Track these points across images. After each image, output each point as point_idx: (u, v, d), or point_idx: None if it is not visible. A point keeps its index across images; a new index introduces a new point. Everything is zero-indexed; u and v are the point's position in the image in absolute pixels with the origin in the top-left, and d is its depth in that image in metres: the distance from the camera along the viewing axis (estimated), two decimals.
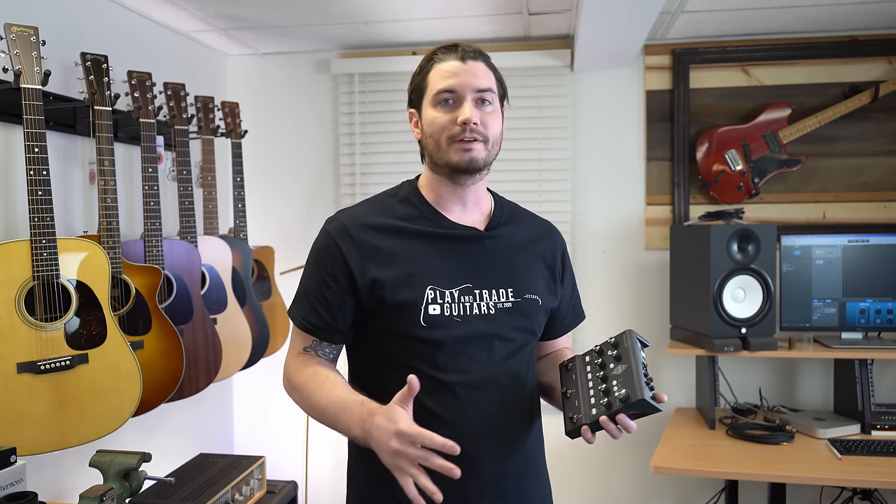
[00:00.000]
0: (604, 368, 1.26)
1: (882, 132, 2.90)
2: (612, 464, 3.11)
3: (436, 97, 1.35)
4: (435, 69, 1.37)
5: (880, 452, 2.37)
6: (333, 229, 1.38)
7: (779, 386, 3.00)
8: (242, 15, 2.68)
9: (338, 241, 1.36)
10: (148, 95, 2.24)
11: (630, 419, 1.21)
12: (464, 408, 1.32)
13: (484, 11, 2.67)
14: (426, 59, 1.41)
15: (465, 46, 1.38)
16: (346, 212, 1.42)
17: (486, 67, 1.38)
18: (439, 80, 1.36)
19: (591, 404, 1.24)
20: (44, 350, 1.78)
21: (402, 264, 1.34)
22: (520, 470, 1.39)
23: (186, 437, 2.86)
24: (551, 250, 1.51)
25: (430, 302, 1.32)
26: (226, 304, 2.52)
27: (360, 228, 1.37)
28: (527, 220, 1.53)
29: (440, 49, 1.39)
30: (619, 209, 3.09)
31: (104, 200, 2.04)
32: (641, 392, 1.17)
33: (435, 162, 1.38)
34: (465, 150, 1.34)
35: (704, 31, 2.88)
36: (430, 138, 1.37)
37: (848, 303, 2.71)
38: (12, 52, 1.75)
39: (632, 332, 1.29)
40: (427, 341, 1.32)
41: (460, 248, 1.38)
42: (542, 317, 1.46)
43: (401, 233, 1.37)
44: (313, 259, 1.40)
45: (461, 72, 1.35)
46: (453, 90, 1.34)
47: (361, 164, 3.18)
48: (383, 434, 1.14)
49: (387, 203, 1.43)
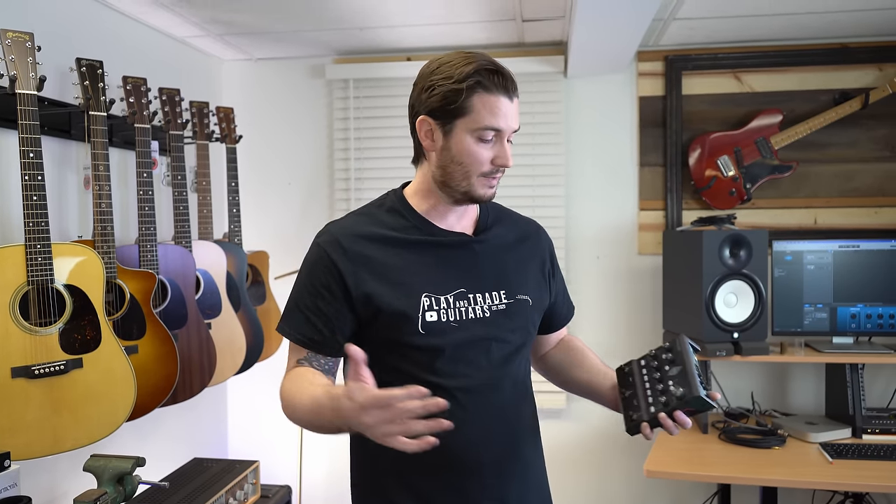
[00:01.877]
0: (660, 370, 1.34)
1: (872, 138, 2.92)
2: (605, 468, 3.12)
3: (480, 130, 1.30)
4: (481, 98, 1.29)
5: (871, 456, 2.38)
6: (325, 242, 1.36)
7: (771, 390, 3.01)
8: (237, 20, 2.69)
9: (330, 253, 1.34)
10: (143, 101, 2.25)
11: (686, 415, 1.28)
12: (465, 412, 1.32)
13: (478, 18, 2.69)
14: (468, 78, 1.29)
15: (506, 75, 1.32)
16: (335, 224, 1.40)
17: (518, 103, 1.35)
18: (489, 115, 1.29)
19: (649, 403, 1.31)
20: (38, 355, 1.78)
21: (395, 273, 1.34)
22: (520, 472, 1.40)
23: (180, 441, 2.86)
24: (540, 249, 1.52)
25: (427, 309, 1.32)
26: (220, 308, 2.53)
27: (352, 239, 1.35)
28: (513, 220, 1.53)
29: (485, 70, 1.30)
30: (613, 214, 3.10)
31: (99, 205, 2.04)
32: (697, 390, 1.27)
33: (450, 186, 1.36)
34: (490, 186, 1.35)
35: (696, 37, 2.90)
36: (458, 165, 1.33)
37: (839, 308, 2.73)
38: (8, 57, 1.76)
39: (683, 337, 1.38)
40: (426, 348, 1.32)
41: (451, 254, 1.39)
42: (536, 316, 1.47)
43: (391, 243, 1.36)
44: (305, 272, 1.37)
45: (509, 112, 1.31)
46: (500, 129, 1.31)
47: (356, 170, 3.19)
48: (353, 415, 1.10)
49: (374, 214, 1.41)
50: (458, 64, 1.31)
